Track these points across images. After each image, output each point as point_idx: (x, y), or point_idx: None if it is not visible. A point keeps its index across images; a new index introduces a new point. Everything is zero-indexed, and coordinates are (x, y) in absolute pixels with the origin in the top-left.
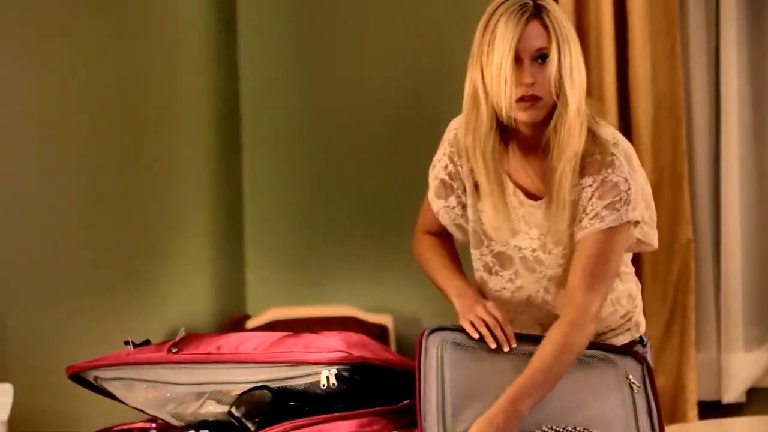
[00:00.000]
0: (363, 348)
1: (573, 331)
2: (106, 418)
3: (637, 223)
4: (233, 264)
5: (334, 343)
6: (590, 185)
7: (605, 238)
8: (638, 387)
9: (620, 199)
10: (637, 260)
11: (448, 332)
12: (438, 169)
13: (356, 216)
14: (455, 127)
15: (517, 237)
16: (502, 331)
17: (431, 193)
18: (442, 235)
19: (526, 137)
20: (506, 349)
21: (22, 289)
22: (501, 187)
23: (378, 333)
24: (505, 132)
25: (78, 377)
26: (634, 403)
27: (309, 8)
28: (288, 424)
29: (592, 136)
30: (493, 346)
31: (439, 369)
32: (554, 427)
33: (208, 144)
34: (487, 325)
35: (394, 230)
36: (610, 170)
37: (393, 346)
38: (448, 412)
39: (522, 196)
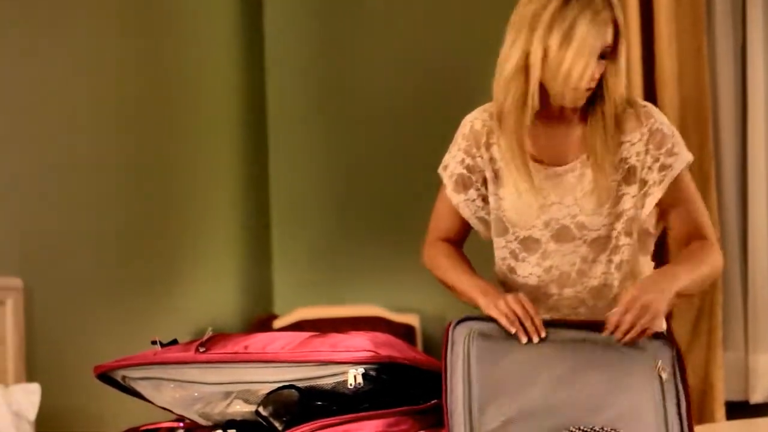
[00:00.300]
0: (390, 347)
1: (710, 247)
2: (134, 417)
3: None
4: (260, 264)
5: (362, 343)
6: (639, 139)
7: (682, 184)
8: (668, 375)
9: (674, 143)
10: (665, 259)
11: (476, 322)
12: (453, 165)
13: (383, 216)
14: (470, 120)
15: (550, 211)
16: (532, 322)
17: (449, 190)
18: (454, 243)
19: (553, 108)
20: (536, 339)
21: (49, 289)
22: (526, 167)
23: (404, 332)
24: None
25: (106, 377)
26: (664, 397)
27: (333, 5)
28: (315, 424)
29: None
30: (525, 340)
31: (465, 363)
32: (582, 428)
33: (235, 145)
34: (517, 317)
35: (421, 230)
36: (652, 120)
37: (419, 346)
38: (474, 409)
39: (546, 168)
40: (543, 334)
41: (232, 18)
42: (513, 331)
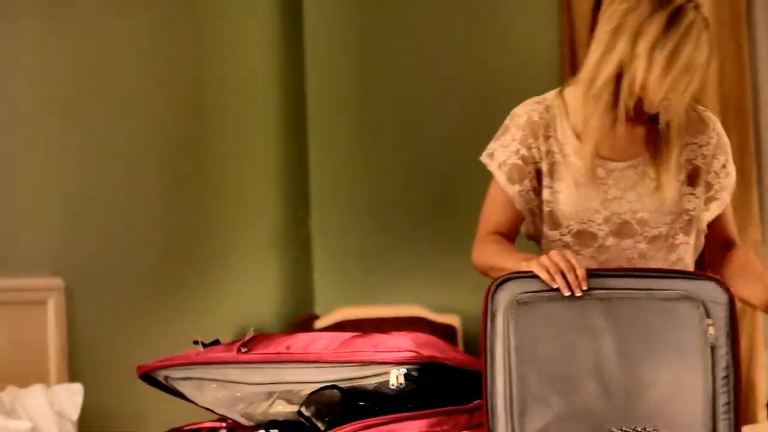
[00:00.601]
0: (432, 347)
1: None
2: (176, 417)
3: None
4: (301, 264)
5: (404, 343)
6: (707, 143)
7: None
8: (717, 335)
9: (730, 151)
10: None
11: (516, 283)
12: (505, 155)
13: (424, 216)
14: (526, 111)
15: (611, 206)
16: (575, 274)
17: (503, 181)
18: (504, 236)
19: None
20: (578, 293)
21: (90, 289)
22: (592, 161)
23: (445, 333)
24: None
25: (148, 377)
26: (713, 365)
27: (373, 3)
28: (357, 424)
29: None
30: (567, 293)
31: (506, 349)
32: (623, 428)
33: (275, 145)
34: (559, 270)
35: (462, 230)
36: (718, 125)
37: (460, 346)
38: (515, 409)
39: (611, 164)
40: (585, 287)
41: (272, 13)
42: (555, 285)
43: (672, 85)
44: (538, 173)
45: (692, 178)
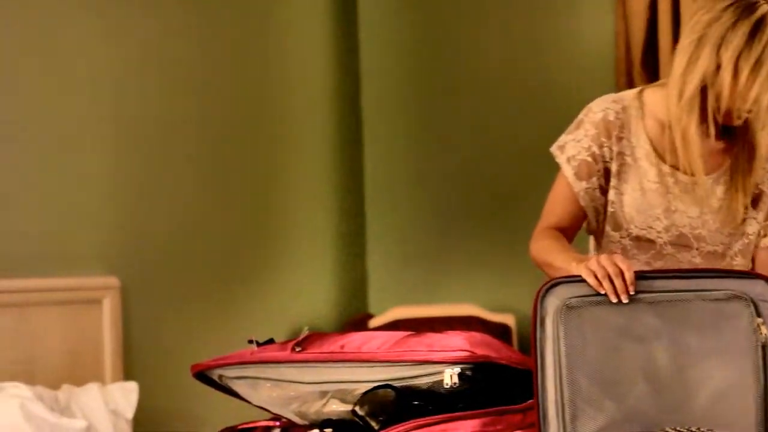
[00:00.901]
0: (487, 347)
1: None
2: (230, 416)
3: None
4: (356, 263)
5: (458, 342)
6: None
7: None
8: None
9: None
10: None
11: (566, 287)
12: (576, 150)
13: (479, 215)
14: (602, 108)
15: (672, 217)
16: (623, 278)
17: (570, 174)
18: (564, 232)
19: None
20: (625, 299)
21: (145, 288)
22: (661, 168)
23: (500, 332)
24: None
25: (202, 376)
26: (765, 365)
27: (429, 2)
28: (411, 423)
29: None
30: (614, 299)
31: (556, 353)
32: (677, 428)
33: (330, 144)
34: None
35: (517, 229)
36: None
37: (515, 346)
38: (567, 414)
39: (680, 175)
40: (632, 291)
41: (328, 15)
42: (602, 291)
43: (757, 96)
44: (607, 172)
45: (756, 202)
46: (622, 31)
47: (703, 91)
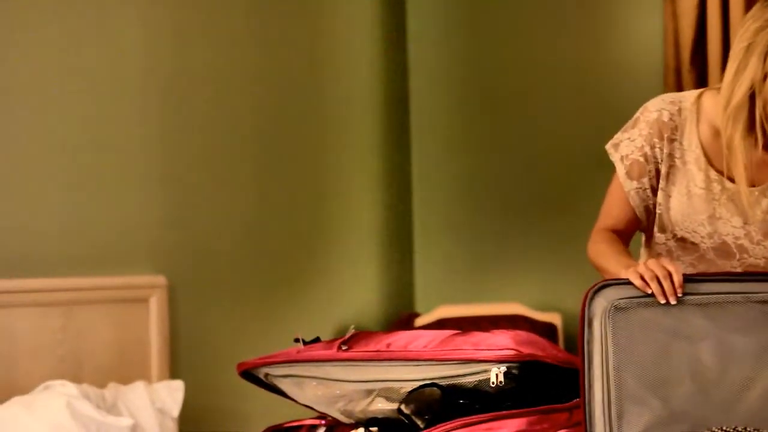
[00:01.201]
0: (533, 346)
1: None
2: (276, 414)
3: None
4: (402, 262)
5: (504, 341)
6: None
7: None
8: None
9: None
10: None
11: (614, 289)
12: (629, 149)
13: (525, 213)
14: (658, 108)
15: (716, 224)
16: (671, 281)
17: (622, 173)
18: (620, 234)
19: None
20: (673, 301)
21: (192, 287)
22: (709, 174)
23: (546, 331)
24: None
25: (249, 374)
26: None
27: (476, 6)
28: (457, 422)
29: None
30: (662, 300)
31: (603, 352)
32: (724, 428)
33: (377, 144)
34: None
35: (563, 227)
36: None
37: (561, 345)
38: (614, 413)
39: (728, 183)
40: (680, 293)
41: (377, 13)
42: (649, 291)
43: None
44: (658, 173)
45: None
46: (671, 30)
47: (752, 99)
